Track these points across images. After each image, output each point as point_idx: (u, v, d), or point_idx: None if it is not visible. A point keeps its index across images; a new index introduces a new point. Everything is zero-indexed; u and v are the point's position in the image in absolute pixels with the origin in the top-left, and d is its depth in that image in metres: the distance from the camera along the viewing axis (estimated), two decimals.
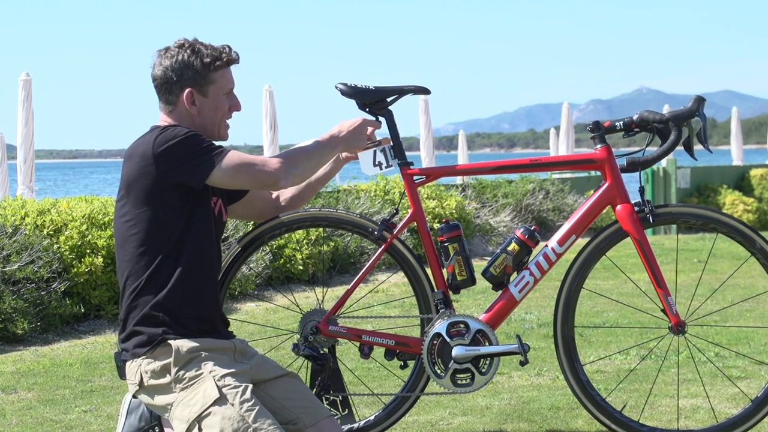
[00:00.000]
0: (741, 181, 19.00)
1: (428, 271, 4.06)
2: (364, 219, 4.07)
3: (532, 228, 4.05)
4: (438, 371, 3.94)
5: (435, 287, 4.04)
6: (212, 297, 3.48)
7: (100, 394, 5.41)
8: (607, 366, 5.75)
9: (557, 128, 21.33)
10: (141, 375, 3.35)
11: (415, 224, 4.05)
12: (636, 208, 4.03)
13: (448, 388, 3.95)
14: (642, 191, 4.08)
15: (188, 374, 3.29)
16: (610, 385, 5.18)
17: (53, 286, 7.32)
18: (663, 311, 4.07)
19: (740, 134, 22.48)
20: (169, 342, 3.32)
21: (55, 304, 7.30)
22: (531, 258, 4.05)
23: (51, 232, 7.64)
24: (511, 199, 14.11)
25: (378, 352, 4.08)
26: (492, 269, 4.02)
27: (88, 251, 7.60)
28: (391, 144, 3.95)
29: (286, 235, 9.00)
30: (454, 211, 11.74)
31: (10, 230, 7.41)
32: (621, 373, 5.51)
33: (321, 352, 3.92)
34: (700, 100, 4.03)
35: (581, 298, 4.20)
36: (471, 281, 4.02)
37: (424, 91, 4.03)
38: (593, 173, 15.74)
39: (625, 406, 4.30)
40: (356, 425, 4.04)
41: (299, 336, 3.97)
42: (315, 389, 3.90)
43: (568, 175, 16.52)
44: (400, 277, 9.46)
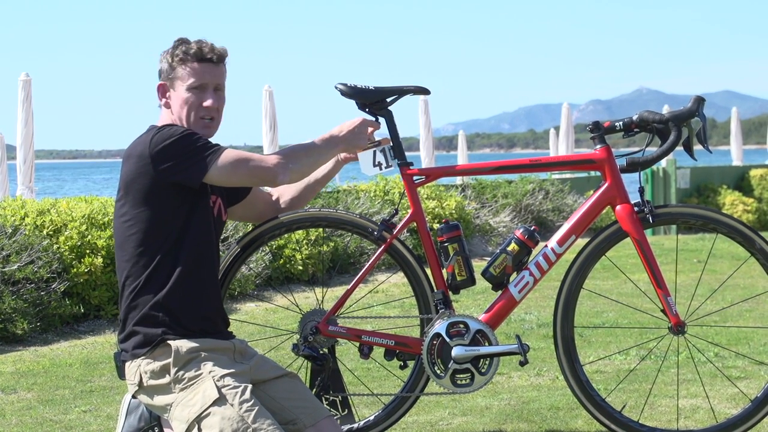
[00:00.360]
0: (741, 182, 19.00)
1: (428, 272, 4.06)
2: (364, 219, 4.07)
3: (532, 228, 4.05)
4: (438, 371, 3.94)
5: (435, 287, 4.04)
6: (213, 296, 3.48)
7: (100, 395, 5.41)
8: (607, 366, 5.75)
9: (557, 128, 21.33)
10: (140, 375, 3.35)
11: (415, 224, 4.05)
12: (636, 209, 4.03)
13: (448, 389, 3.95)
14: (642, 191, 4.08)
15: (188, 374, 3.29)
16: (610, 386, 5.18)
17: (53, 287, 7.32)
18: (663, 311, 4.07)
19: (740, 134, 22.47)
20: (169, 342, 3.32)
21: (55, 305, 7.30)
22: (531, 258, 4.05)
23: (51, 233, 7.64)
24: (511, 200, 14.11)
25: (378, 353, 4.08)
26: (492, 269, 4.02)
27: (88, 251, 7.60)
28: (391, 144, 3.95)
29: (286, 236, 9.00)
30: (454, 212, 11.74)
31: (10, 230, 7.41)
32: (621, 374, 5.51)
33: (321, 353, 3.92)
34: (700, 101, 4.03)
35: (581, 299, 4.20)
36: (471, 281, 4.02)
37: (424, 92, 4.03)
38: (593, 173, 15.75)
39: (625, 407, 4.30)
40: (356, 425, 4.04)
41: (299, 336, 3.97)
42: (315, 389, 3.89)
43: (568, 176, 16.52)
44: (400, 278, 9.46)
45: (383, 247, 4.02)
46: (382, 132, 3.94)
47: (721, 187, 18.33)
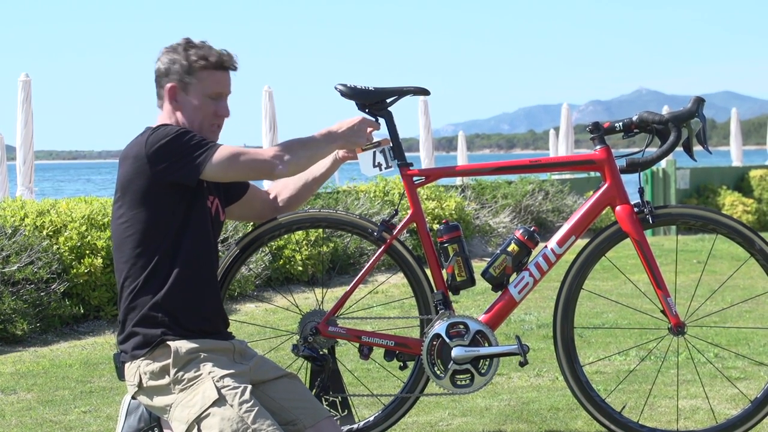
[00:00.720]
0: (740, 182, 19.00)
1: (428, 272, 4.06)
2: (364, 220, 4.07)
3: (532, 229, 4.05)
4: (437, 372, 3.93)
5: (434, 288, 4.03)
6: (212, 297, 3.47)
7: (100, 395, 5.41)
8: (607, 367, 5.75)
9: (557, 129, 21.33)
10: (140, 376, 3.34)
11: (415, 225, 4.04)
12: (635, 209, 4.03)
13: (448, 389, 3.95)
14: (641, 192, 4.08)
15: (187, 375, 3.28)
16: (610, 386, 5.18)
17: (53, 287, 7.32)
18: (662, 312, 4.07)
19: (740, 135, 22.47)
20: (168, 343, 3.32)
21: (55, 305, 7.30)
22: (530, 259, 4.05)
23: (50, 233, 7.64)
24: (511, 200, 14.11)
25: (377, 353, 4.08)
26: (491, 270, 4.02)
27: (88, 252, 7.60)
28: (391, 145, 3.95)
29: (286, 236, 9.01)
30: (454, 212, 11.74)
31: (10, 231, 7.41)
32: (620, 374, 5.51)
33: (320, 353, 3.92)
34: (700, 101, 4.03)
35: (581, 299, 4.20)
36: (470, 282, 4.02)
37: (424, 92, 4.03)
38: (593, 174, 15.74)
39: (625, 407, 4.29)
40: (356, 426, 4.04)
41: (299, 337, 3.97)
42: (314, 390, 3.89)
43: (568, 176, 16.52)
44: (400, 278, 9.46)
45: (383, 248, 4.02)
46: (382, 132, 3.93)
47: (721, 188, 18.33)
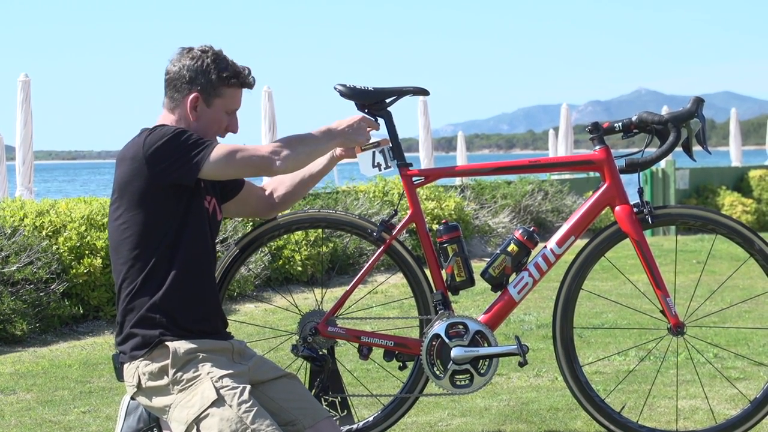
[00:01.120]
0: (740, 182, 19.01)
1: (427, 272, 4.06)
2: (363, 220, 4.07)
3: (531, 229, 4.05)
4: (437, 372, 3.93)
5: (434, 288, 4.03)
6: (210, 297, 3.47)
7: (99, 395, 5.41)
8: (606, 367, 5.75)
9: (556, 129, 21.33)
10: (139, 377, 3.34)
11: (414, 225, 4.05)
12: (635, 209, 4.03)
13: (447, 389, 3.95)
14: (641, 192, 4.08)
15: (186, 376, 3.28)
16: (609, 386, 5.18)
17: (52, 287, 7.32)
18: (662, 312, 4.07)
19: (739, 135, 22.48)
20: (167, 344, 3.31)
21: (54, 305, 7.30)
22: (530, 259, 4.05)
23: (50, 233, 7.64)
24: (510, 200, 14.11)
25: (377, 353, 4.08)
26: (491, 270, 4.02)
27: (87, 252, 7.60)
28: (390, 145, 3.95)
29: (285, 236, 9.00)
30: (453, 212, 11.74)
31: (9, 231, 7.41)
32: (620, 374, 5.51)
33: (320, 353, 3.92)
34: (699, 101, 4.03)
35: (580, 299, 4.20)
36: (470, 282, 4.02)
37: (423, 92, 4.03)
38: (592, 174, 15.75)
39: (624, 407, 4.30)
40: (355, 426, 4.04)
41: (298, 337, 3.97)
42: (314, 390, 3.89)
43: (567, 176, 16.52)
44: (399, 278, 9.46)
45: (382, 248, 4.02)
46: (382, 133, 3.93)
47: (720, 188, 18.34)
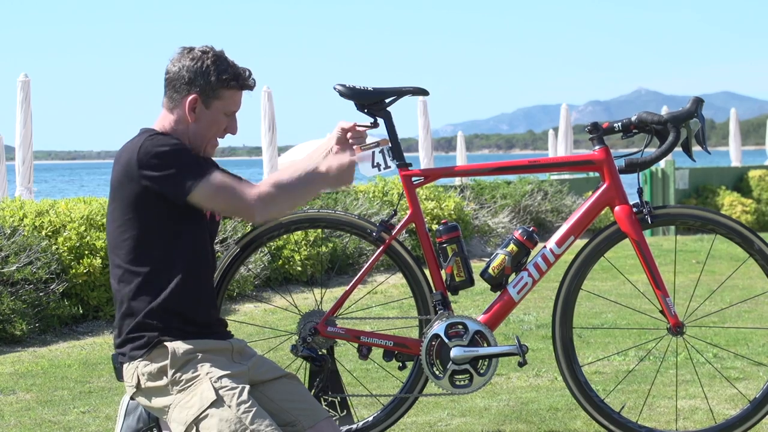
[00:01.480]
0: (739, 183, 19.01)
1: (426, 273, 4.06)
2: (363, 220, 4.07)
3: (531, 229, 4.05)
4: (436, 372, 3.94)
5: (433, 288, 4.03)
6: (209, 301, 3.44)
7: (99, 395, 5.41)
8: (606, 367, 5.75)
9: (556, 129, 21.32)
10: (138, 377, 3.33)
11: (414, 225, 4.05)
12: (634, 210, 4.03)
13: (447, 389, 3.95)
14: (640, 192, 4.08)
15: (185, 376, 3.27)
16: (609, 386, 5.18)
17: (52, 287, 7.32)
18: (661, 312, 4.07)
19: (739, 135, 22.48)
20: (166, 344, 3.30)
21: (54, 305, 7.30)
22: (529, 259, 4.05)
23: (49, 233, 7.64)
24: (510, 200, 14.11)
25: (376, 353, 4.08)
26: (490, 270, 4.02)
27: (87, 252, 7.60)
28: (390, 145, 3.95)
29: (285, 236, 9.00)
30: (453, 212, 11.74)
31: (9, 231, 7.41)
32: (619, 374, 5.51)
33: (319, 353, 3.92)
34: (699, 102, 4.03)
35: (580, 299, 4.20)
36: (469, 282, 4.02)
37: (423, 93, 4.03)
38: (591, 174, 15.74)
39: (624, 407, 4.29)
40: (355, 426, 4.04)
41: (298, 337, 3.97)
42: (313, 390, 3.89)
43: (567, 176, 16.52)
44: (399, 279, 9.46)
45: (382, 248, 4.02)
46: (381, 133, 3.94)
47: (720, 188, 18.34)
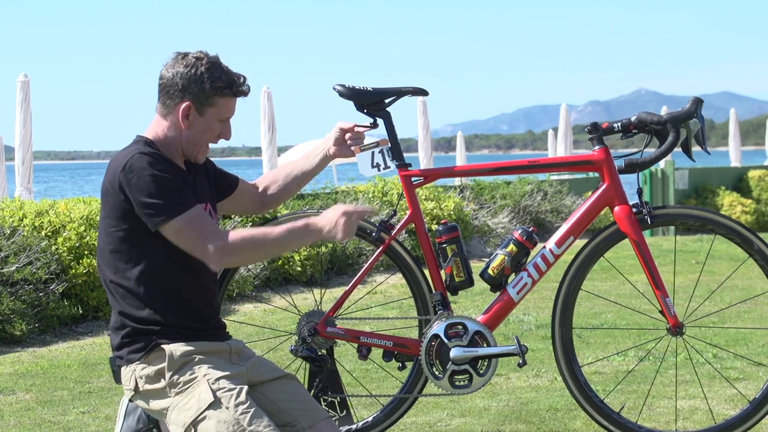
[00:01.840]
0: (739, 183, 19.01)
1: (426, 273, 4.06)
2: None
3: (530, 229, 4.05)
4: (436, 372, 3.94)
5: (433, 289, 4.03)
6: (207, 302, 3.42)
7: (98, 396, 5.41)
8: (605, 367, 5.75)
9: (555, 130, 21.33)
10: (136, 380, 3.31)
11: (413, 225, 4.05)
12: (634, 210, 4.03)
13: (447, 390, 3.95)
14: (640, 193, 4.08)
15: (183, 378, 3.26)
16: (608, 387, 5.18)
17: (51, 288, 7.32)
18: (661, 312, 4.07)
19: (738, 136, 22.48)
20: (163, 347, 3.28)
21: (53, 306, 7.30)
22: (529, 259, 4.05)
23: (49, 234, 7.64)
24: (510, 201, 14.11)
25: (376, 354, 4.08)
26: (490, 270, 4.02)
27: (86, 252, 7.60)
28: (389, 145, 3.95)
29: None
30: (452, 213, 11.74)
31: (8, 231, 7.41)
32: (619, 375, 5.51)
33: (319, 354, 3.92)
34: (698, 102, 4.03)
35: (579, 300, 4.20)
36: (469, 282, 4.02)
37: (422, 93, 4.03)
38: (591, 175, 15.74)
39: (623, 408, 4.30)
40: (354, 426, 4.04)
41: (297, 337, 3.97)
42: (313, 391, 3.89)
43: (567, 177, 16.52)
44: (398, 279, 9.46)
45: (381, 249, 4.02)
46: (381, 133, 3.94)
47: (720, 189, 18.34)
